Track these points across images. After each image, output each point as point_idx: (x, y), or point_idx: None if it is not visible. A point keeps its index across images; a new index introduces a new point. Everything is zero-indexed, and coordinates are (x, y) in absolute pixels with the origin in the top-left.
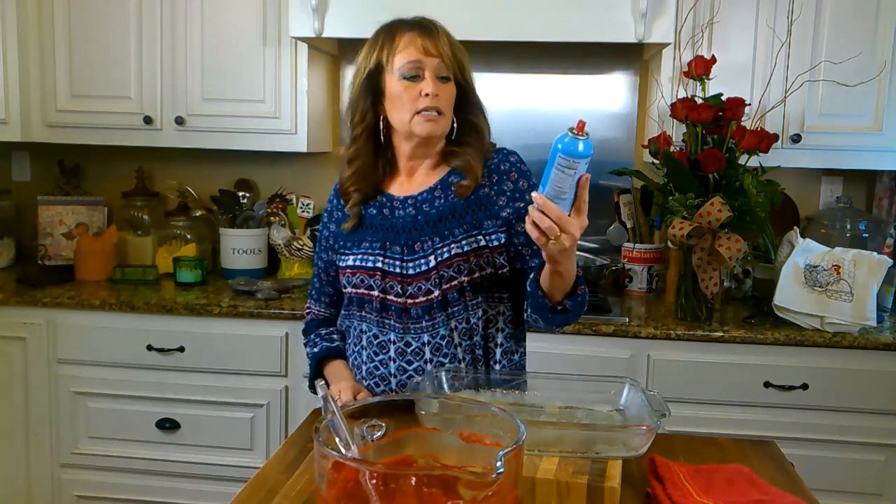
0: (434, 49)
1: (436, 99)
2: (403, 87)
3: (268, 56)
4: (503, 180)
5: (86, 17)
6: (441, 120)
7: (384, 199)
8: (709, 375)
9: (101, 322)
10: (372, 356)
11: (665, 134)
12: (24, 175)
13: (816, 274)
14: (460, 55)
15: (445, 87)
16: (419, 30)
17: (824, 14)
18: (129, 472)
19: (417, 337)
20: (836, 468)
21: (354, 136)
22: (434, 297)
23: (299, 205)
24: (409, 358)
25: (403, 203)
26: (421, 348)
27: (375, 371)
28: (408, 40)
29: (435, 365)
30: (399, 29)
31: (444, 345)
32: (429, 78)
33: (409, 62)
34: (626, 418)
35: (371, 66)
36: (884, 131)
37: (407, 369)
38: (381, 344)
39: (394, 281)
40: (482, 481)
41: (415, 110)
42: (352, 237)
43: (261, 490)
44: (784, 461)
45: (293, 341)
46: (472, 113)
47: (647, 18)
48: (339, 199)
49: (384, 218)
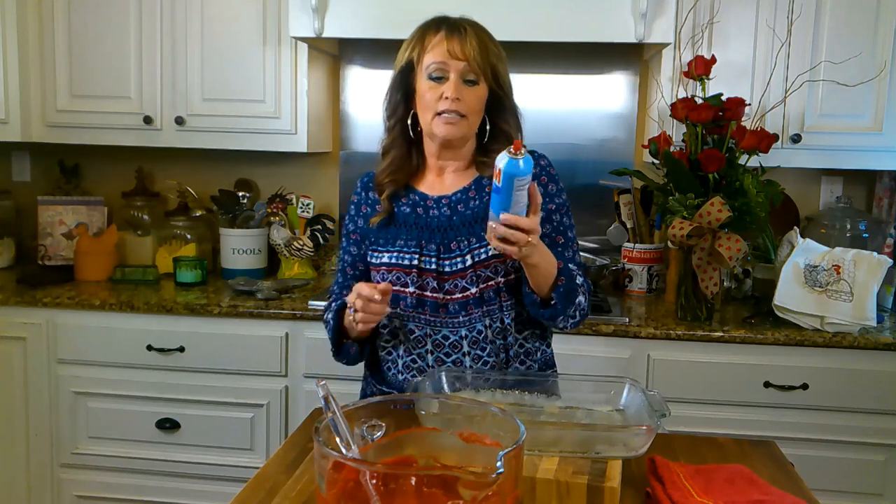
0: (460, 52)
1: (456, 103)
2: (428, 87)
3: (268, 56)
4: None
5: (86, 17)
6: (462, 123)
7: (417, 198)
8: (709, 375)
9: (101, 322)
10: (409, 349)
11: (665, 134)
12: (24, 175)
13: (816, 274)
14: (493, 59)
15: (471, 90)
16: (448, 31)
17: (824, 14)
18: (129, 472)
19: (455, 331)
20: (836, 468)
21: (387, 127)
22: (471, 294)
23: (299, 205)
24: (447, 350)
25: (438, 202)
26: (459, 342)
27: (413, 364)
28: (436, 41)
29: (473, 358)
30: (431, 29)
31: (480, 339)
32: (452, 81)
33: (435, 63)
34: (626, 418)
35: (403, 64)
36: (884, 131)
37: (445, 361)
38: (418, 339)
39: (430, 277)
40: (482, 481)
41: (436, 111)
42: (385, 234)
43: (261, 490)
44: (784, 461)
45: (293, 341)
46: (504, 118)
47: (647, 18)
48: (367, 193)
49: (418, 216)
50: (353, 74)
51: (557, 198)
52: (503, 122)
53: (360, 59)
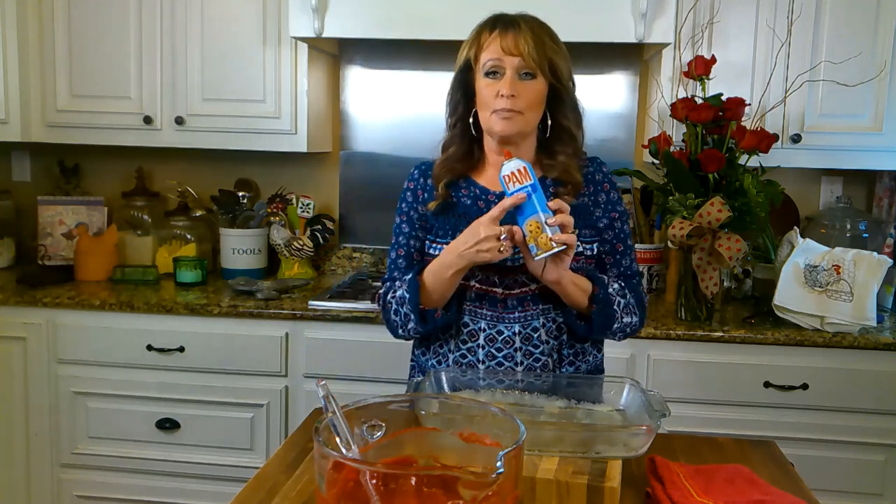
0: (514, 48)
1: (512, 100)
2: (485, 84)
3: (268, 56)
4: (598, 191)
5: (86, 16)
6: (518, 119)
7: (478, 191)
8: (709, 375)
9: (101, 322)
10: (459, 345)
11: (665, 134)
12: (24, 175)
13: (816, 274)
14: (551, 53)
15: (528, 84)
16: (503, 27)
17: (824, 14)
18: (129, 472)
19: (509, 326)
20: (836, 468)
21: (449, 125)
22: (530, 290)
23: (299, 205)
24: (498, 345)
25: (499, 198)
26: (511, 337)
27: (462, 359)
28: (491, 39)
29: (524, 354)
30: (487, 27)
31: (534, 337)
32: (507, 77)
33: (491, 61)
34: (626, 418)
35: (462, 63)
36: (884, 131)
37: (496, 356)
38: (471, 332)
39: (490, 272)
40: (482, 481)
41: (492, 108)
42: (444, 224)
43: (261, 490)
44: (784, 461)
45: (293, 341)
46: (563, 114)
47: (647, 18)
48: (425, 179)
49: (479, 210)
50: (353, 74)
51: (619, 205)
52: (563, 117)
53: (360, 59)
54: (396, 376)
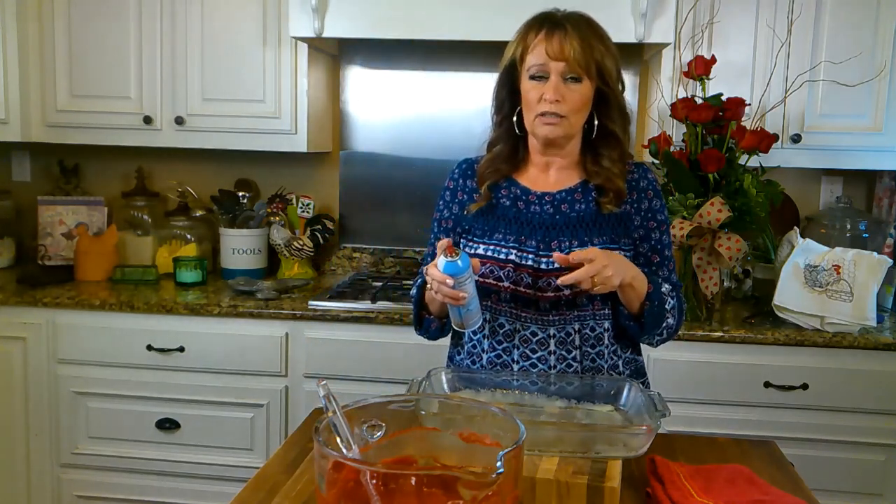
0: (559, 52)
1: (556, 104)
2: (531, 86)
3: (268, 56)
4: (641, 198)
5: (86, 16)
6: (562, 123)
7: (518, 192)
8: (709, 375)
9: (101, 322)
10: (494, 345)
11: (665, 134)
12: (24, 175)
13: (816, 274)
14: (598, 55)
15: (574, 88)
16: (549, 29)
17: (824, 14)
18: (129, 472)
19: (544, 328)
20: (836, 468)
21: (494, 123)
22: (563, 295)
23: (299, 205)
24: (532, 346)
25: (540, 199)
26: (546, 339)
27: (497, 359)
28: (537, 41)
29: (558, 358)
30: (534, 27)
31: (568, 341)
32: (552, 82)
33: (536, 65)
34: (627, 418)
35: (507, 62)
36: (884, 131)
37: (531, 357)
38: (507, 333)
39: (525, 273)
40: (482, 481)
41: (536, 112)
42: (482, 224)
43: (261, 490)
44: (784, 461)
45: (293, 341)
46: (609, 118)
47: (647, 18)
48: (465, 180)
49: (518, 211)
50: (353, 74)
51: (660, 214)
52: (609, 119)
53: (360, 59)
54: (396, 376)
